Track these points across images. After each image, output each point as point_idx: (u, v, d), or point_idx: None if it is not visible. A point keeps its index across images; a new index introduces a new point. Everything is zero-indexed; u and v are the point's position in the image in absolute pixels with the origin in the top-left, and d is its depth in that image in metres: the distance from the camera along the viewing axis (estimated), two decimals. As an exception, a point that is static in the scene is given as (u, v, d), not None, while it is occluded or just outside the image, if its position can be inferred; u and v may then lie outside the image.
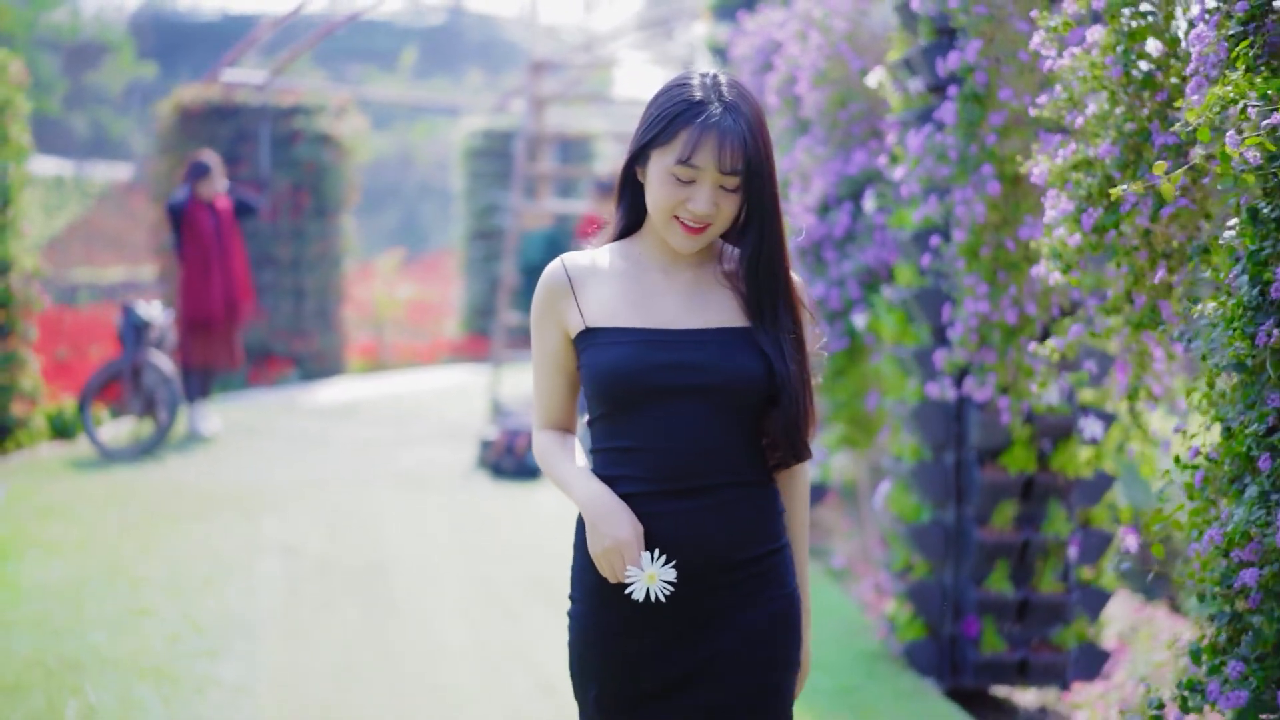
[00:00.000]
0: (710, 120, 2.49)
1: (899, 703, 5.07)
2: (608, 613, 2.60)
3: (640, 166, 2.59)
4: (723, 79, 2.56)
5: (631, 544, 2.49)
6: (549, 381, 2.69)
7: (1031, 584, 5.27)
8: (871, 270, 5.89)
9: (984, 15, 4.57)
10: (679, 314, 2.59)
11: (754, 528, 2.61)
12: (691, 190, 2.51)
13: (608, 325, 2.58)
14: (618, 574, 2.50)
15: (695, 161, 2.48)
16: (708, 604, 2.58)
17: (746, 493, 2.60)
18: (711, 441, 2.55)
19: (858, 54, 5.96)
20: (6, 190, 9.29)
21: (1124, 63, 3.46)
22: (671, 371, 2.54)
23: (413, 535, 7.76)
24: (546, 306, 2.64)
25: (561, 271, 2.64)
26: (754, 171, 2.52)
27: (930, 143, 4.80)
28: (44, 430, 9.93)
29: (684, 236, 2.54)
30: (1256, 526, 2.80)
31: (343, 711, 4.94)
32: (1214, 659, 3.05)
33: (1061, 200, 3.58)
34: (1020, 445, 5.17)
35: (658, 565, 2.49)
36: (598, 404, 2.61)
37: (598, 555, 2.52)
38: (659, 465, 2.55)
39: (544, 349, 2.67)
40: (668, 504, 2.55)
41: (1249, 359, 2.85)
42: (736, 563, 2.58)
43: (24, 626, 5.75)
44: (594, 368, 2.57)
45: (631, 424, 2.57)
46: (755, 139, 2.52)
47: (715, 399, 2.55)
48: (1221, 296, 2.93)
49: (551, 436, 2.70)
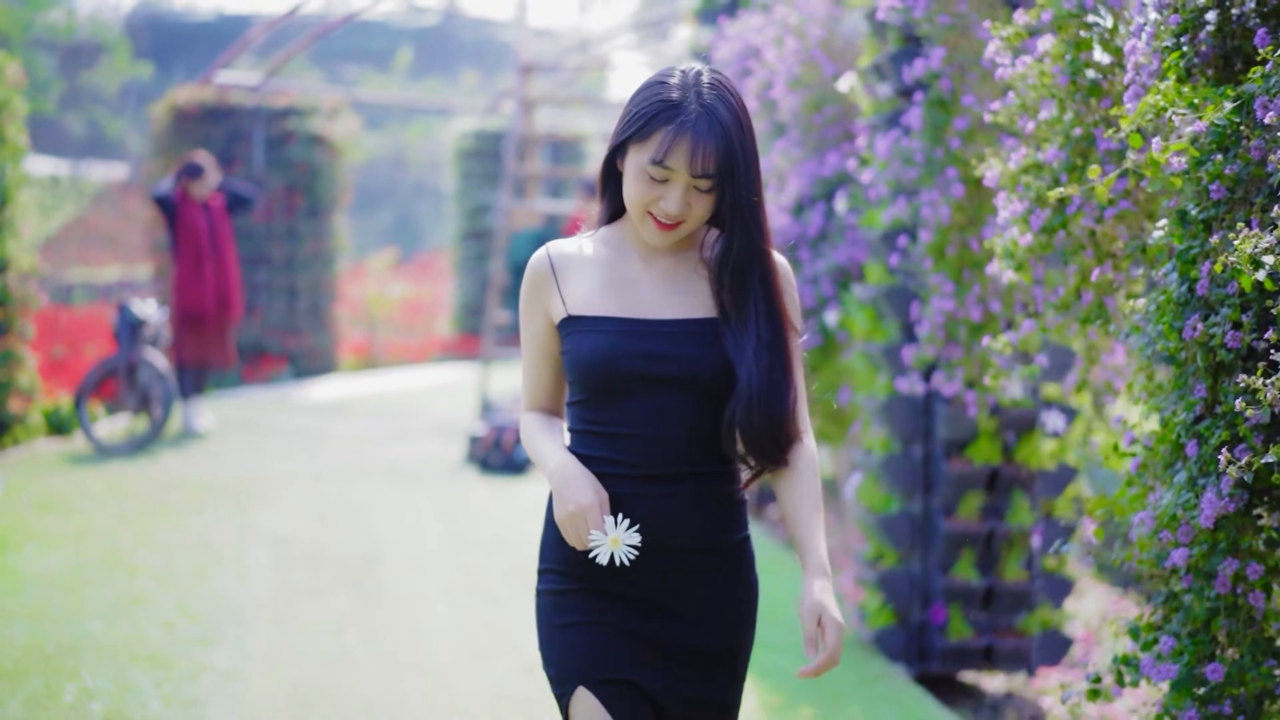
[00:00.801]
0: (685, 124, 2.51)
1: (866, 686, 5.25)
2: (573, 583, 2.65)
3: (620, 158, 2.63)
4: (705, 77, 2.57)
5: (594, 507, 2.54)
6: (536, 366, 2.75)
7: (996, 572, 5.46)
8: (843, 269, 6.08)
9: (947, 24, 4.76)
10: (656, 304, 2.64)
11: (720, 517, 2.66)
12: (664, 189, 2.55)
13: (588, 314, 2.63)
14: (582, 538, 2.54)
15: (668, 163, 2.52)
16: (671, 585, 2.64)
17: (715, 482, 2.65)
18: (684, 430, 2.60)
19: (832, 59, 6.15)
20: (4, 190, 9.45)
21: (1071, 71, 3.64)
22: (648, 361, 2.58)
23: (401, 526, 7.95)
24: (532, 294, 2.71)
25: (546, 260, 2.70)
26: (727, 174, 2.54)
27: (897, 147, 4.98)
28: (41, 426, 10.10)
29: (656, 232, 2.59)
30: (1184, 509, 2.98)
31: (332, 693, 5.12)
32: (1150, 635, 3.23)
33: (1013, 202, 3.76)
34: (985, 438, 5.36)
35: (621, 529, 2.53)
36: (577, 389, 2.67)
37: (562, 521, 2.55)
38: (632, 450, 2.60)
39: (531, 334, 2.73)
40: (638, 487, 2.60)
41: (1179, 352, 3.03)
42: (703, 546, 2.64)
43: (22, 614, 5.93)
44: (574, 355, 2.63)
45: (608, 409, 2.62)
46: (730, 141, 2.53)
47: (689, 389, 2.59)
48: (1154, 293, 3.11)
49: (537, 417, 2.76)
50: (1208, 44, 3.19)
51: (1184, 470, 3.04)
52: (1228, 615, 3.06)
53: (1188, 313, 2.99)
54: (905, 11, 4.99)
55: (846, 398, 6.31)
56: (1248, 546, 3.00)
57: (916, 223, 5.08)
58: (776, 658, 5.35)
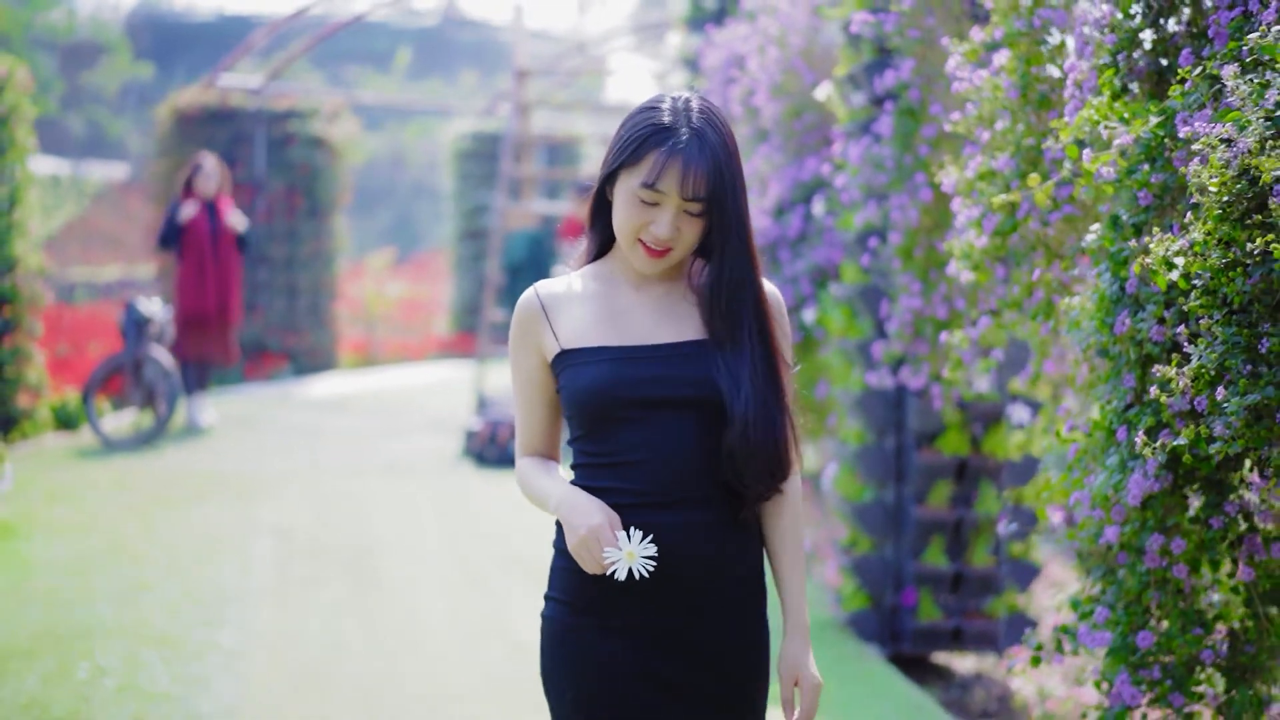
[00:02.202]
0: (677, 147, 2.51)
1: (840, 665, 5.52)
2: (583, 617, 2.58)
3: (610, 187, 2.61)
4: (694, 103, 2.58)
5: (604, 527, 2.48)
6: (530, 408, 2.70)
7: (965, 558, 5.73)
8: (821, 269, 6.36)
9: (916, 38, 5.03)
10: (651, 329, 2.61)
11: (735, 545, 2.61)
12: (655, 214, 2.53)
13: (582, 346, 2.60)
14: (597, 559, 2.48)
15: (659, 186, 2.51)
16: (684, 621, 2.58)
17: (725, 507, 2.59)
18: (688, 453, 2.55)
19: (811, 68, 6.42)
20: (13, 191, 9.73)
21: (1022, 85, 3.91)
22: (648, 385, 2.55)
23: (398, 518, 8.22)
24: (522, 334, 2.66)
25: (535, 299, 2.66)
26: (717, 199, 2.53)
27: (868, 153, 5.25)
28: (48, 421, 10.37)
29: (646, 259, 2.56)
30: (1115, 490, 3.25)
31: (331, 673, 5.39)
32: (1088, 607, 3.50)
33: (969, 207, 4.03)
34: (954, 430, 5.64)
35: (635, 542, 2.47)
36: (576, 423, 2.62)
37: (575, 548, 2.50)
38: (638, 477, 2.55)
39: (524, 376, 2.68)
40: (651, 515, 2.54)
41: (1111, 345, 3.31)
42: (715, 578, 2.58)
43: (36, 598, 6.20)
44: (572, 387, 2.59)
45: (612, 438, 2.57)
46: (720, 166, 2.53)
47: (689, 410, 2.55)
48: (1089, 291, 3.39)
49: (532, 461, 2.71)
50: (1144, 60, 3.48)
51: (1116, 454, 3.30)
52: (1158, 588, 3.33)
53: (1118, 309, 3.26)
54: (877, 25, 5.25)
55: (824, 392, 6.58)
56: (1174, 524, 3.27)
57: (886, 225, 5.34)
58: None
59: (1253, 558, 3.25)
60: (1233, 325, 2.74)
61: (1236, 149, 2.68)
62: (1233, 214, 2.73)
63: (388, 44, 39.06)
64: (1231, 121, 2.71)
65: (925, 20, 5.08)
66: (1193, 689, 3.33)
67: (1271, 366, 2.67)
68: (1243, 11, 3.05)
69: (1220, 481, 3.21)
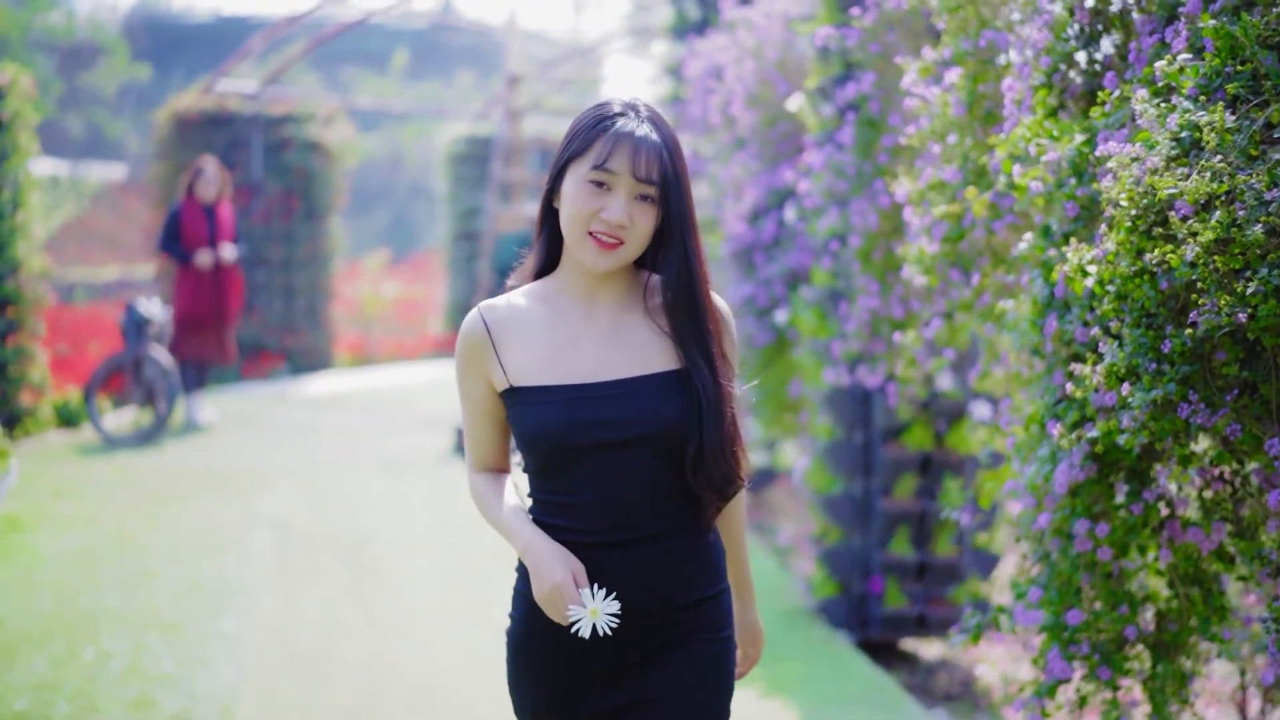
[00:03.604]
0: (626, 128, 2.49)
1: (808, 648, 5.81)
2: (544, 637, 2.59)
3: (558, 193, 2.56)
4: (640, 103, 2.57)
5: (568, 584, 2.46)
6: (479, 428, 2.66)
7: (929, 548, 6.02)
8: (794, 272, 6.64)
9: (877, 53, 5.31)
10: (602, 364, 2.55)
11: (694, 573, 2.61)
12: (606, 199, 2.48)
13: (531, 384, 2.55)
14: (562, 616, 2.48)
15: (610, 165, 2.47)
16: (644, 643, 2.59)
17: (686, 541, 2.59)
18: (647, 492, 2.53)
19: (786, 79, 6.70)
20: (17, 195, 10.01)
21: (969, 102, 4.19)
22: (600, 428, 2.50)
23: (392, 511, 8.50)
24: (469, 359, 2.61)
25: (480, 325, 2.60)
26: (670, 185, 2.50)
27: (831, 161, 5.54)
28: (51, 419, 10.66)
29: (597, 253, 2.50)
30: (1044, 480, 3.53)
31: (326, 656, 5.67)
32: (1024, 588, 3.79)
33: (920, 216, 4.31)
34: (919, 426, 5.92)
35: (599, 600, 2.47)
36: (530, 459, 2.59)
37: (541, 600, 2.49)
38: (595, 518, 2.53)
39: (471, 399, 2.64)
40: (607, 553, 2.53)
41: (1042, 345, 3.59)
42: (676, 607, 2.59)
43: (43, 587, 6.48)
44: (522, 428, 2.55)
45: (565, 479, 2.54)
46: (670, 157, 2.51)
47: (647, 449, 2.52)
48: (1023, 296, 3.67)
49: (484, 479, 2.68)
50: (1080, 80, 3.76)
51: (1047, 447, 3.59)
52: (1087, 570, 3.61)
53: (1048, 313, 3.54)
54: (840, 40, 5.53)
55: (797, 390, 6.87)
56: (1101, 510, 3.55)
57: (848, 230, 5.63)
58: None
59: (1172, 542, 3.53)
60: (1140, 328, 3.02)
61: (1144, 167, 2.96)
62: (1141, 226, 3.01)
63: (385, 45, 39.20)
64: (1141, 142, 2.99)
65: (886, 36, 5.36)
66: (1121, 664, 3.61)
67: (1174, 365, 2.94)
68: (1160, 39, 3.34)
69: (1143, 471, 3.49)
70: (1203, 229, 2.71)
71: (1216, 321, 2.71)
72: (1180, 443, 3.07)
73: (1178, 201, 2.81)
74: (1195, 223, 2.74)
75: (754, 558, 7.42)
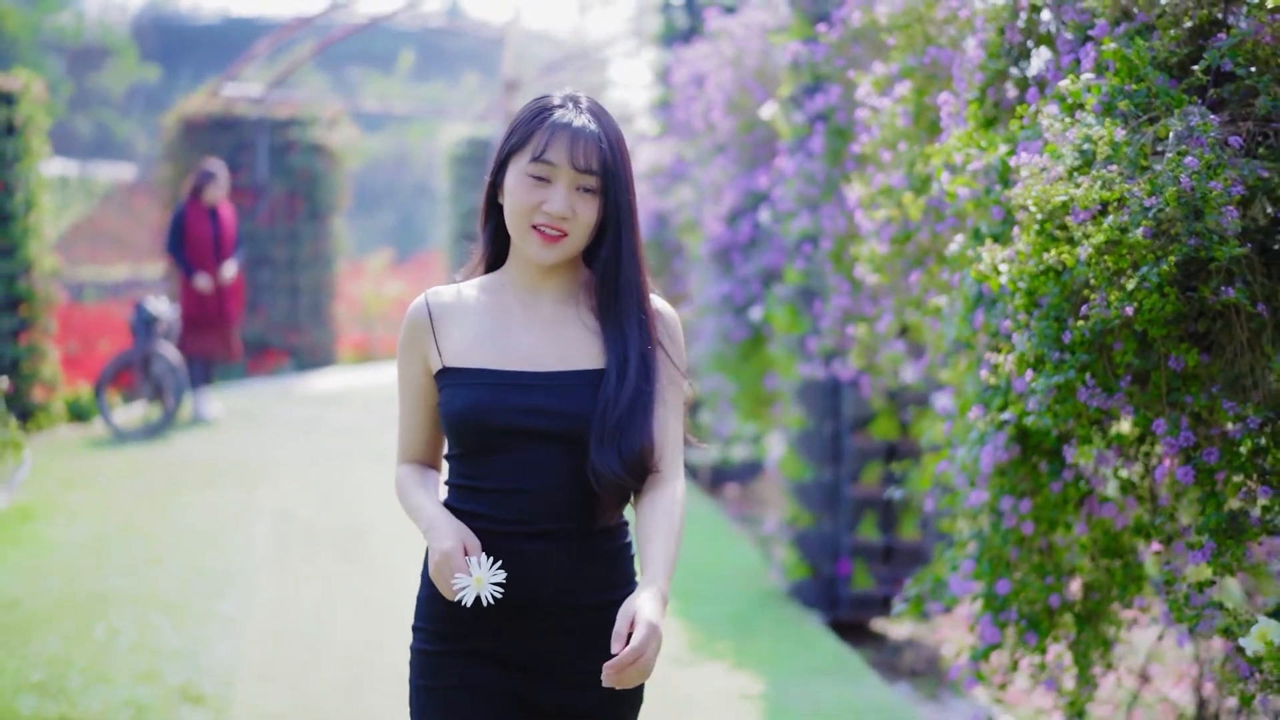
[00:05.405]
0: (564, 119, 2.50)
1: (779, 627, 6.14)
2: (451, 644, 2.57)
3: (501, 188, 2.57)
4: (582, 96, 2.58)
5: (456, 551, 2.45)
6: (413, 415, 2.67)
7: (895, 532, 6.34)
8: (768, 270, 6.97)
9: (842, 66, 5.62)
10: (535, 354, 2.55)
11: (601, 573, 2.57)
12: (547, 191, 2.48)
13: (464, 366, 2.55)
14: (449, 588, 2.45)
15: (549, 157, 2.47)
16: (549, 646, 2.56)
17: (598, 539, 2.57)
18: (561, 485, 2.51)
19: (763, 87, 7.01)
20: (29, 196, 10.37)
21: (915, 113, 4.51)
22: (523, 415, 2.50)
23: (390, 504, 8.82)
24: (409, 342, 2.62)
25: (424, 308, 2.62)
26: (611, 175, 2.50)
27: (802, 168, 5.86)
28: (63, 414, 11.03)
29: (541, 246, 2.51)
30: (974, 461, 3.85)
31: (320, 636, 6.01)
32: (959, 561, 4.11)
33: (870, 219, 4.64)
34: (885, 416, 6.25)
35: (484, 569, 2.44)
36: (453, 442, 2.59)
37: (434, 574, 2.47)
38: (508, 506, 2.52)
39: (407, 382, 2.65)
40: (516, 544, 2.51)
41: (972, 338, 3.91)
42: (581, 607, 2.55)
43: (55, 571, 6.82)
44: (448, 408, 2.55)
45: (484, 464, 2.54)
46: (611, 147, 2.51)
47: (564, 442, 2.51)
48: (954, 292, 3.99)
49: (410, 470, 2.69)
50: (1015, 93, 4.08)
51: (976, 430, 3.91)
52: (1015, 544, 3.93)
53: (977, 307, 3.87)
54: (809, 54, 5.85)
55: (772, 383, 7.19)
56: (1026, 488, 3.87)
57: (818, 232, 5.95)
58: (703, 606, 6.24)
59: (1090, 517, 3.85)
60: (1045, 320, 3.34)
61: (1049, 175, 3.28)
62: (1047, 229, 3.33)
63: (391, 46, 39.44)
64: (1048, 153, 3.31)
65: (851, 50, 5.68)
66: (1047, 630, 3.93)
67: (1074, 353, 3.26)
68: (1074, 58, 3.66)
69: (1060, 452, 3.81)
70: (1095, 231, 3.02)
71: (1106, 315, 3.02)
72: (1082, 425, 3.38)
73: (1073, 207, 3.12)
74: (1089, 226, 3.05)
75: (738, 547, 7.74)
